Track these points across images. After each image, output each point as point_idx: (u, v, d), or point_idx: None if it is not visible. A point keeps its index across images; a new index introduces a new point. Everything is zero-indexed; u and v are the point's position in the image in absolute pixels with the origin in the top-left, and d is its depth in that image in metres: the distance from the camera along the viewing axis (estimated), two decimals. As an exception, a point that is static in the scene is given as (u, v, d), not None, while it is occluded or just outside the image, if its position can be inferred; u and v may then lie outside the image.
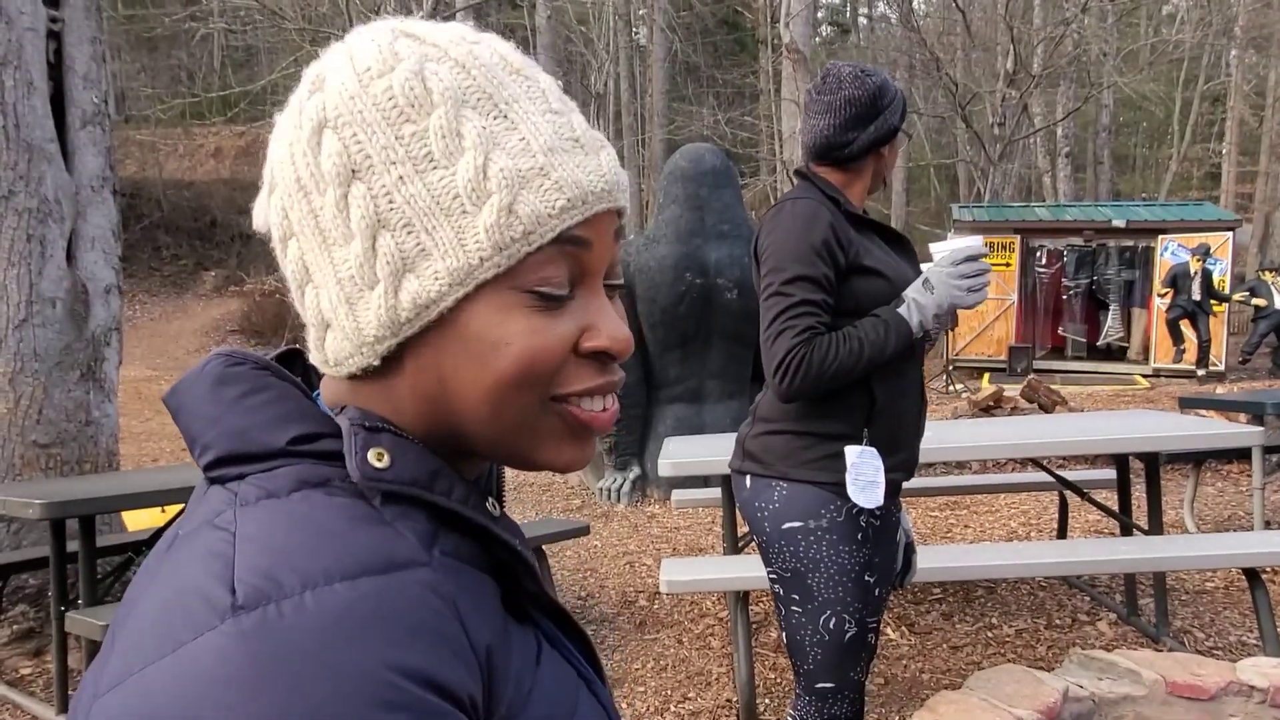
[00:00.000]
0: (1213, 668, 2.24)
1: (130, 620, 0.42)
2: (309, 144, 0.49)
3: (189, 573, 0.42)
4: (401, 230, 0.47)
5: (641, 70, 22.70)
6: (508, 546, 0.51)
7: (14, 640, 3.37)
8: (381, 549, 0.44)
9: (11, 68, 3.37)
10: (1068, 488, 3.53)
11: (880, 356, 1.59)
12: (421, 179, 0.47)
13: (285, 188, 0.50)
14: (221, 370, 0.50)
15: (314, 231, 0.49)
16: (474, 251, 0.46)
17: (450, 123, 0.47)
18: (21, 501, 2.60)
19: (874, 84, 1.69)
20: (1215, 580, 3.79)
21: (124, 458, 6.27)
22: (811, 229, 1.61)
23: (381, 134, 0.47)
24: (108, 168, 3.76)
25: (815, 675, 1.69)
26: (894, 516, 1.79)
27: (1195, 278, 11.06)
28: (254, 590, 0.40)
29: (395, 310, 0.47)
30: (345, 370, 0.50)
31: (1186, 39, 19.90)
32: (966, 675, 2.83)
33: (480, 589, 0.48)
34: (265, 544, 0.42)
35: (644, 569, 4.34)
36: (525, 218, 0.47)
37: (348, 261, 0.48)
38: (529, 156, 0.48)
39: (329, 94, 0.48)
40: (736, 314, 5.63)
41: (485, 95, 0.48)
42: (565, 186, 0.48)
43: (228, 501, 0.46)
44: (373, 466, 0.46)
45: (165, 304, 19.14)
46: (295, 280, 0.52)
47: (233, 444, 0.48)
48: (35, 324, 3.44)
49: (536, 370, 0.48)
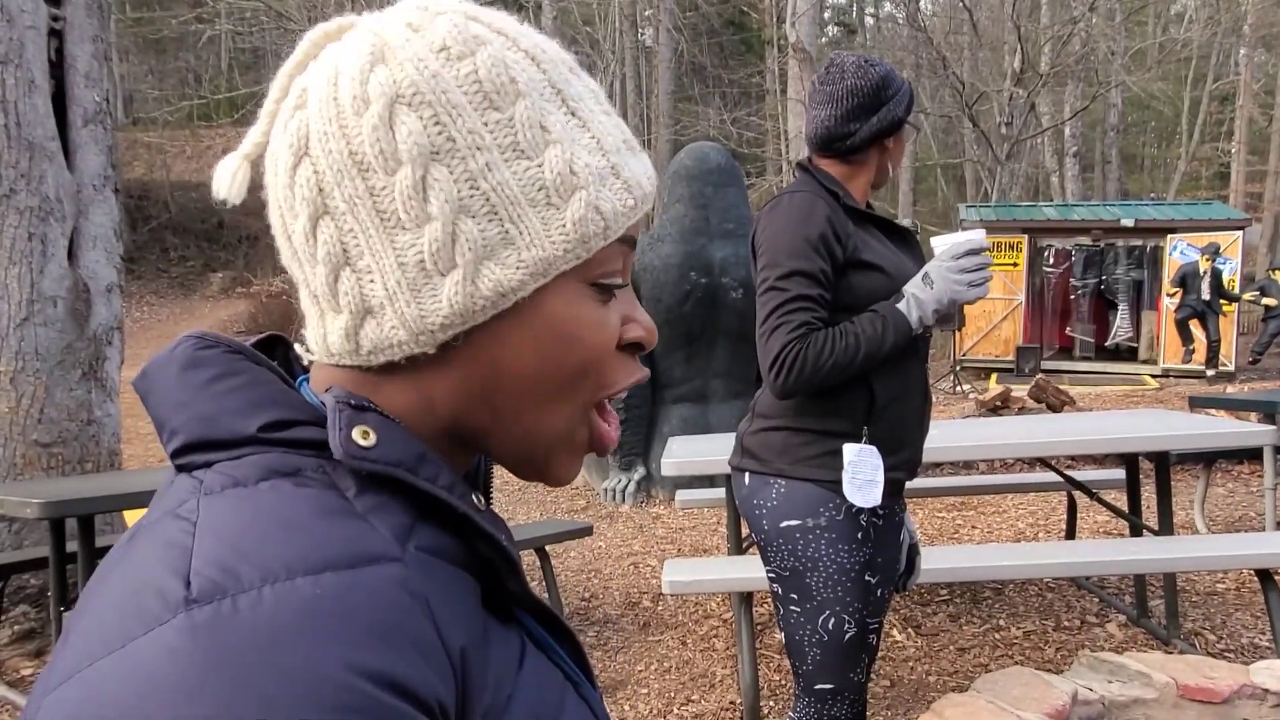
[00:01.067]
0: (1225, 670, 2.20)
1: (85, 613, 0.41)
2: (379, 119, 0.45)
3: (145, 564, 0.40)
4: (485, 217, 0.47)
5: (647, 71, 22.71)
6: (492, 540, 0.48)
7: (15, 640, 3.37)
8: (350, 542, 0.41)
9: (13, 66, 3.36)
10: (1076, 488, 3.49)
11: (878, 353, 1.56)
12: (509, 167, 0.47)
13: (330, 162, 0.46)
14: (192, 353, 0.48)
15: (370, 212, 0.46)
16: (559, 243, 0.47)
17: (535, 114, 0.48)
18: (20, 501, 2.59)
19: (877, 74, 1.65)
20: (1227, 581, 3.74)
21: (129, 458, 6.27)
22: (808, 222, 1.59)
23: (467, 118, 0.46)
24: (109, 166, 3.75)
25: (814, 676, 1.66)
26: (897, 516, 1.75)
27: (1205, 277, 10.98)
28: (209, 583, 0.38)
29: (473, 297, 0.47)
30: (384, 359, 0.48)
31: (1195, 37, 19.82)
32: (974, 677, 2.80)
33: (457, 587, 0.45)
34: (225, 535, 0.40)
35: (648, 570, 4.31)
36: (607, 214, 0.48)
37: (417, 246, 0.46)
38: (602, 155, 0.50)
39: (403, 68, 0.46)
40: (742, 313, 5.60)
41: (557, 91, 0.49)
42: (633, 187, 0.50)
43: (192, 490, 0.44)
44: (357, 444, 0.44)
45: (173, 305, 19.22)
46: (329, 262, 0.47)
47: (201, 430, 0.46)
48: (36, 323, 3.43)
49: (599, 362, 0.50)
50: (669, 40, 20.46)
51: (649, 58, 22.95)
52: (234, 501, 0.42)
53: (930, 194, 27.39)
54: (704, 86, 24.19)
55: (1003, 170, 15.15)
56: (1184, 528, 4.47)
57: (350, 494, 0.44)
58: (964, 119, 16.46)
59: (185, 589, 0.38)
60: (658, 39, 21.38)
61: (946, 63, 16.00)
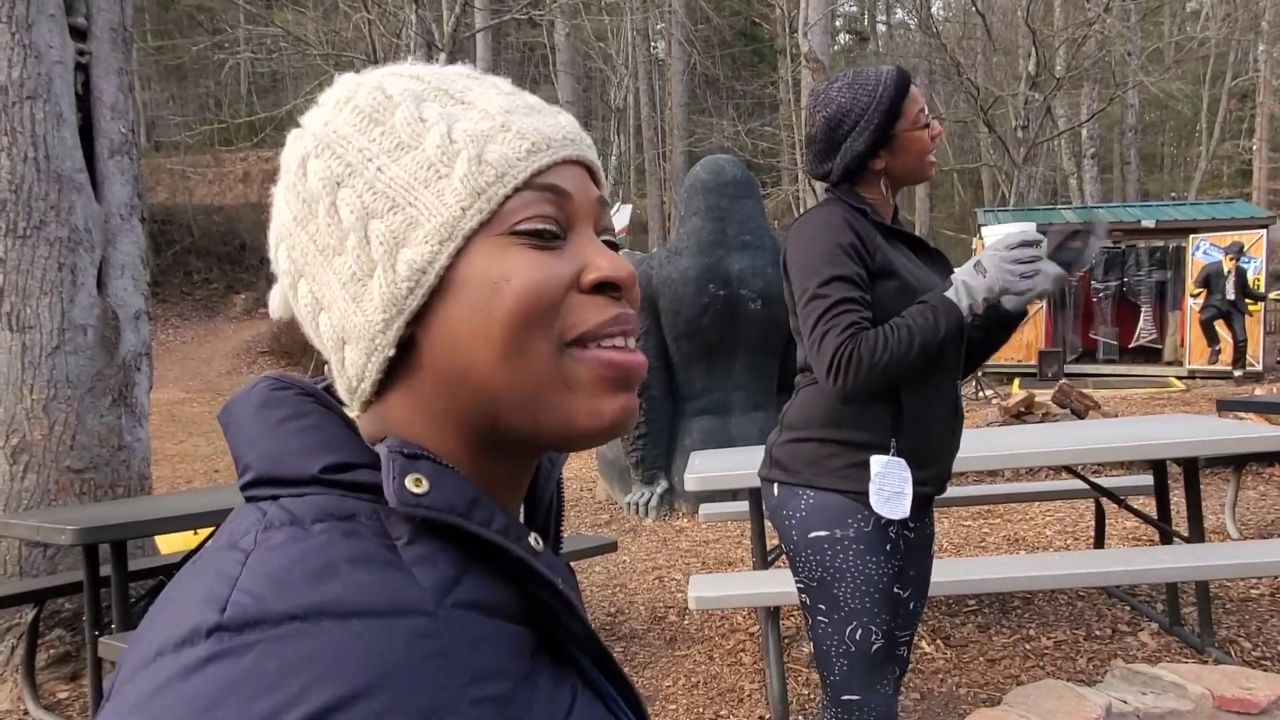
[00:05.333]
0: (1261, 680, 2.17)
1: (141, 628, 0.44)
2: (296, 178, 0.53)
3: (195, 587, 0.43)
4: (388, 213, 0.49)
5: (660, 84, 22.79)
6: (549, 585, 0.49)
7: (51, 664, 3.41)
8: (383, 592, 0.43)
9: (41, 101, 3.44)
10: (1104, 495, 3.45)
11: (933, 342, 1.53)
12: (397, 164, 0.50)
13: (283, 231, 0.54)
14: (267, 394, 0.52)
15: (315, 254, 0.52)
16: (454, 204, 0.49)
17: (413, 112, 0.51)
18: (54, 527, 2.63)
19: (825, 117, 1.65)
20: (1261, 587, 3.68)
21: (157, 480, 6.35)
22: (837, 232, 1.60)
23: (355, 140, 0.51)
24: (136, 196, 3.82)
25: (841, 687, 1.65)
26: (929, 530, 1.75)
27: (1229, 277, 10.84)
28: (241, 613, 0.40)
29: (395, 284, 0.49)
30: (370, 381, 0.51)
31: (1212, 35, 19.63)
32: (1005, 689, 2.77)
33: (493, 643, 0.46)
34: (269, 571, 0.42)
35: (673, 584, 4.31)
36: (495, 162, 0.50)
37: (346, 261, 0.50)
38: (488, 119, 0.51)
39: (306, 133, 0.53)
40: (761, 324, 5.60)
41: (441, 90, 0.52)
42: (528, 133, 0.51)
43: (255, 522, 0.46)
44: (410, 492, 0.46)
45: (197, 327, 19.45)
46: (309, 316, 0.53)
47: (268, 467, 0.49)
48: (67, 351, 3.49)
49: (541, 303, 0.49)
50: (681, 53, 20.53)
51: (662, 71, 23.04)
52: (285, 539, 0.44)
53: (947, 199, 27.25)
54: (717, 98, 24.24)
55: (1020, 174, 15.06)
56: (1215, 533, 4.41)
57: (402, 541, 0.46)
58: (980, 124, 16.38)
59: (219, 614, 0.40)
60: (670, 52, 21.47)
61: (960, 68, 15.94)
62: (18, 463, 3.44)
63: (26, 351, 3.44)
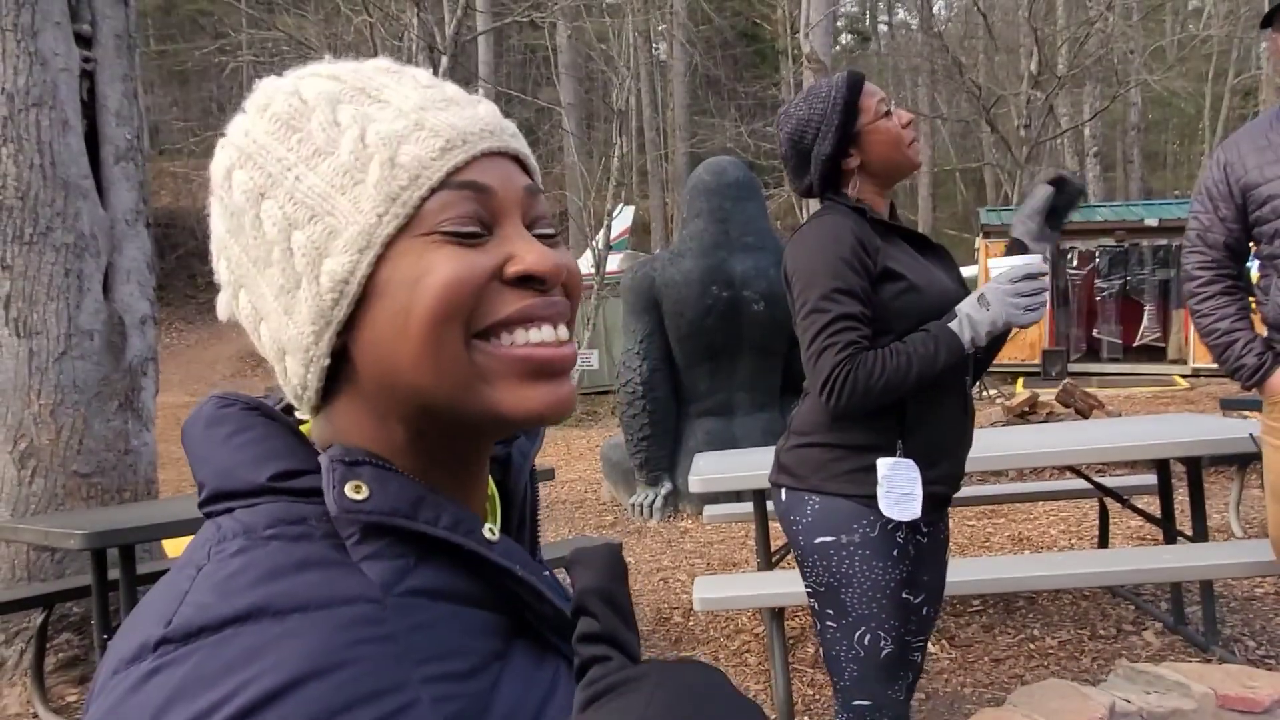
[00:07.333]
0: (1265, 679, 2.17)
1: (107, 650, 0.46)
2: (224, 191, 0.52)
3: (150, 607, 0.44)
4: (309, 223, 0.49)
5: (662, 85, 22.80)
6: (506, 571, 0.50)
7: (60, 668, 3.43)
8: (326, 588, 0.44)
9: (47, 108, 3.46)
10: (1108, 494, 3.46)
11: (931, 372, 1.55)
12: (314, 172, 0.49)
13: (219, 244, 0.54)
14: (213, 412, 0.53)
15: (249, 266, 0.52)
16: (370, 211, 0.48)
17: (328, 116, 0.50)
18: (63, 532, 2.64)
19: (787, 131, 1.70)
20: (1265, 586, 3.68)
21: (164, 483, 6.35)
22: (838, 242, 1.60)
23: (274, 150, 0.50)
24: (141, 201, 3.83)
25: (852, 692, 1.66)
26: (942, 533, 1.75)
27: (1232, 275, 10.82)
28: (184, 623, 0.41)
29: (320, 296, 0.49)
30: (312, 388, 0.51)
31: (1215, 32, 19.60)
32: (1009, 689, 2.77)
33: (448, 625, 0.47)
34: (216, 581, 0.44)
35: (678, 585, 4.32)
36: (408, 165, 0.48)
37: (275, 274, 0.50)
38: (402, 118, 0.50)
39: (230, 143, 0.53)
40: (764, 326, 5.60)
41: (358, 90, 0.51)
42: (441, 131, 0.50)
43: (210, 537, 0.48)
44: (350, 499, 0.47)
45: (201, 331, 19.49)
46: (252, 327, 0.53)
47: (220, 481, 0.50)
48: (74, 356, 3.51)
49: (459, 296, 0.48)
50: (683, 54, 20.55)
51: (664, 72, 23.06)
52: (238, 550, 0.46)
53: (949, 198, 27.23)
54: (719, 99, 24.23)
55: (1023, 173, 15.04)
56: (1219, 532, 4.41)
57: (352, 540, 0.47)
58: (982, 123, 16.38)
59: (164, 628, 0.41)
60: (672, 53, 21.49)
61: (962, 68, 15.94)
62: (26, 467, 3.46)
63: (34, 357, 3.46)
